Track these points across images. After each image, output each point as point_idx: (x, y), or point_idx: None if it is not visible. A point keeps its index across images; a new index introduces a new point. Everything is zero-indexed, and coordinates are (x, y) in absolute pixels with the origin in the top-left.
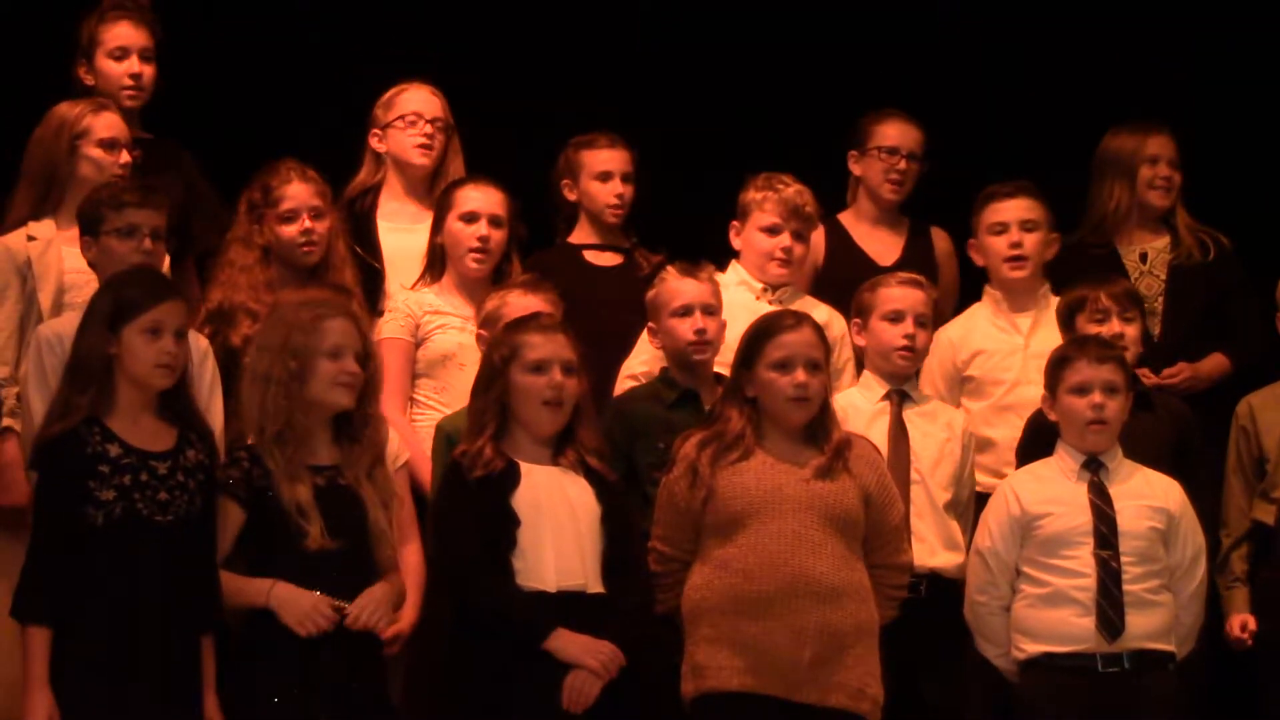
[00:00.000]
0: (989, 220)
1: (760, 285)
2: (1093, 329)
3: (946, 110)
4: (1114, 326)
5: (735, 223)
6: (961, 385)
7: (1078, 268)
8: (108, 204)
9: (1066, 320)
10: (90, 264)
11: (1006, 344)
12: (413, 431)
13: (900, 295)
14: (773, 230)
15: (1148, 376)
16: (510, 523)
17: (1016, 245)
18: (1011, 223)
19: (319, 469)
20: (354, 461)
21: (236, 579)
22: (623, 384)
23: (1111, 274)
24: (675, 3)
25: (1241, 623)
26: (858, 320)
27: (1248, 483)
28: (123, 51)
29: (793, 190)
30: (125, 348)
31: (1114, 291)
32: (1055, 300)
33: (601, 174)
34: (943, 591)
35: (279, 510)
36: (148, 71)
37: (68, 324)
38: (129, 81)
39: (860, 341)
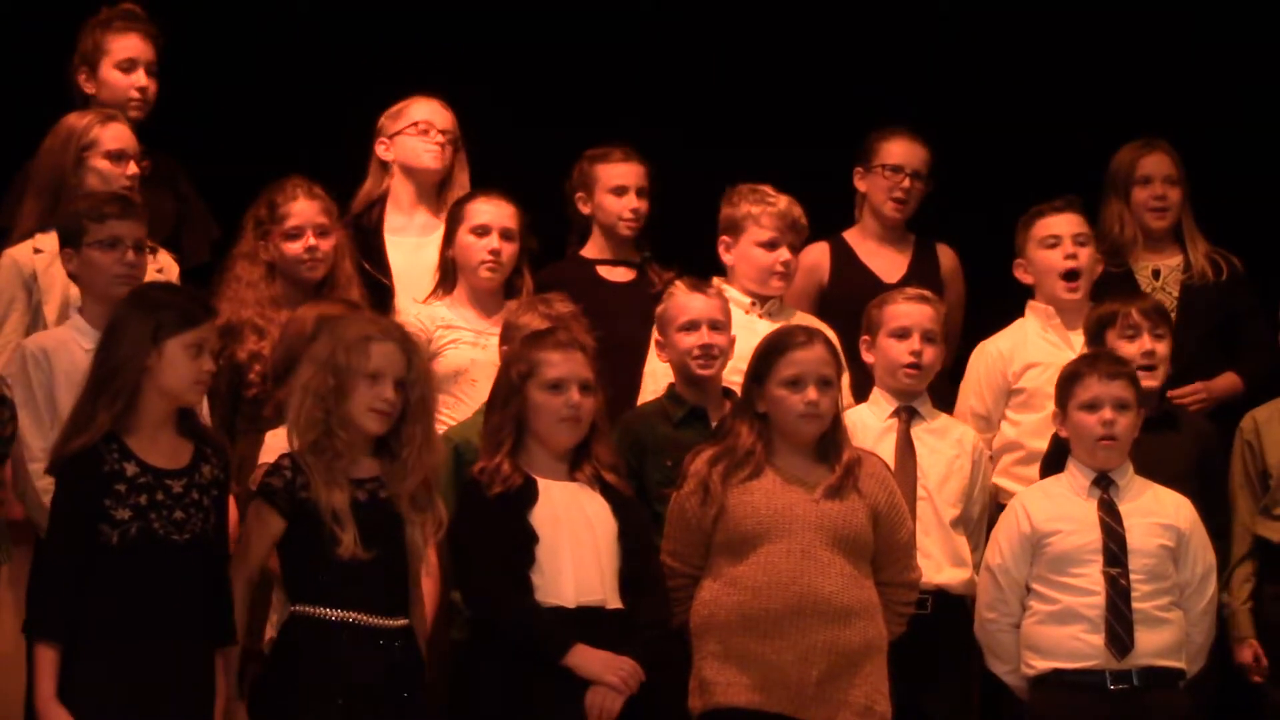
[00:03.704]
0: (1040, 234)
1: (748, 299)
2: (1123, 345)
3: (955, 127)
4: (1145, 343)
5: (725, 238)
6: (1009, 398)
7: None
8: (88, 215)
9: (1096, 335)
10: (71, 276)
11: (1060, 358)
12: None
13: (907, 311)
14: (771, 245)
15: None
16: (529, 539)
17: (1071, 258)
18: (1065, 236)
19: (360, 482)
20: (396, 477)
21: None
22: (644, 385)
23: (1140, 291)
24: (684, 17)
25: (1254, 653)
26: (866, 337)
27: (1254, 497)
28: (131, 64)
29: (785, 202)
30: (167, 361)
31: (1144, 307)
32: None
33: (617, 188)
34: (949, 608)
35: (317, 517)
36: (152, 86)
37: (52, 338)
38: (135, 94)
39: (869, 358)
